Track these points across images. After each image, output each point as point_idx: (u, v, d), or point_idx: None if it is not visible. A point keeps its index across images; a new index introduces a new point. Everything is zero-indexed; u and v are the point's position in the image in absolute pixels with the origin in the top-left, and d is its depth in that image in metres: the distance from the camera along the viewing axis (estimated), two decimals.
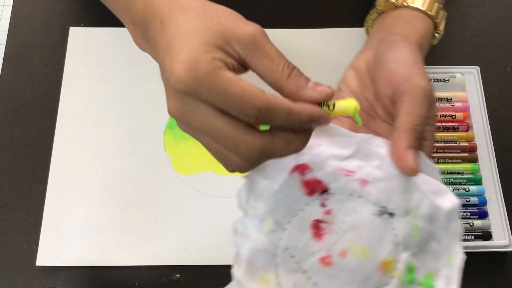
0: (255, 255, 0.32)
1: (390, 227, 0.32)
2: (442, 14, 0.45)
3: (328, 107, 0.30)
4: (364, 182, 0.32)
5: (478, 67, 0.53)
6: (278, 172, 0.32)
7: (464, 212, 0.47)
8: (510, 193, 0.49)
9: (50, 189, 0.49)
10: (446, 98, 0.52)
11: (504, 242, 0.46)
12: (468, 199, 0.48)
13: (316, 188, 0.32)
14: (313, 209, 0.32)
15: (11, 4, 0.57)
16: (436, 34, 0.46)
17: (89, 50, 0.55)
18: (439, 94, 0.52)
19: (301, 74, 0.30)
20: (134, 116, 0.52)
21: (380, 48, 0.39)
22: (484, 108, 0.52)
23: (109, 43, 0.55)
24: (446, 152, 0.50)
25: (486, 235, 0.47)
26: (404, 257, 0.32)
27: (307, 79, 0.30)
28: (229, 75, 0.28)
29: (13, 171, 0.50)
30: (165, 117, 0.52)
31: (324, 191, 0.32)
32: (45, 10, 0.57)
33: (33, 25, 0.56)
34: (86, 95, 0.53)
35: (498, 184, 0.49)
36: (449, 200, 0.33)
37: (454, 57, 0.56)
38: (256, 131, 0.29)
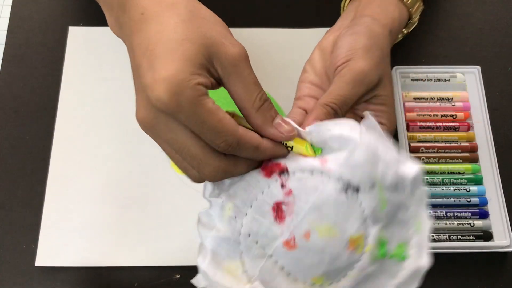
0: (219, 245, 0.32)
1: (357, 202, 0.31)
2: (418, 5, 0.45)
3: (287, 148, 0.32)
4: (324, 160, 0.31)
5: (479, 67, 0.53)
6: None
7: (465, 212, 0.47)
8: (511, 193, 0.49)
9: (49, 189, 0.49)
10: (447, 98, 0.52)
11: (505, 242, 0.46)
12: (469, 199, 0.48)
13: (274, 169, 0.32)
14: (274, 191, 0.31)
15: (11, 4, 0.57)
16: (409, 24, 0.46)
17: (88, 50, 0.55)
18: (440, 94, 0.52)
19: (271, 108, 0.31)
20: (133, 116, 0.52)
21: (342, 30, 0.39)
22: (485, 108, 0.52)
23: (108, 43, 0.55)
24: (446, 152, 0.50)
25: (487, 236, 0.46)
26: (374, 231, 0.31)
27: (275, 115, 0.32)
28: (210, 105, 0.28)
29: (12, 171, 0.50)
30: None
31: (283, 171, 0.31)
32: (44, 9, 0.57)
33: (33, 25, 0.56)
34: (85, 95, 0.53)
35: (499, 184, 0.49)
36: (411, 168, 0.32)
37: (455, 56, 0.56)
38: (221, 154, 0.30)
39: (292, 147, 0.32)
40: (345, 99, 0.35)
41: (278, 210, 0.31)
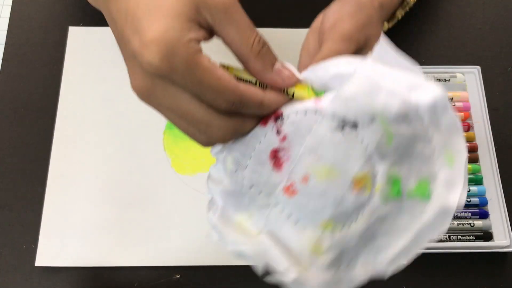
0: (226, 199, 0.31)
1: (357, 140, 0.28)
2: None
3: (288, 95, 0.30)
4: (319, 100, 0.29)
5: (479, 67, 0.53)
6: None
7: (465, 212, 0.47)
8: (511, 193, 0.49)
9: (49, 189, 0.49)
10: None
11: (505, 242, 0.46)
12: (469, 200, 0.48)
13: (269, 116, 0.30)
14: (270, 139, 0.30)
15: (11, 4, 0.57)
16: (404, 4, 0.47)
17: (88, 50, 0.55)
18: None
19: (270, 52, 0.29)
20: (133, 116, 0.52)
21: (330, 5, 0.40)
22: (485, 108, 0.52)
23: (108, 43, 0.55)
24: None
25: (487, 236, 0.46)
26: (382, 168, 0.28)
27: (275, 59, 0.30)
28: (206, 63, 0.26)
29: (12, 171, 0.50)
30: None
31: (278, 117, 0.30)
32: (44, 9, 0.57)
33: (32, 25, 0.56)
34: (85, 95, 0.53)
35: (499, 184, 0.49)
36: (428, 93, 0.28)
37: (455, 56, 0.56)
38: (227, 114, 0.28)
39: (293, 94, 0.30)
40: (338, 54, 0.34)
41: (275, 158, 0.30)
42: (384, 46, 0.30)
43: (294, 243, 0.30)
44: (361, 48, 0.37)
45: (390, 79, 0.28)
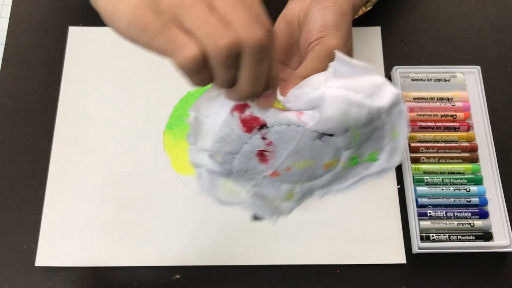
0: (213, 175, 0.36)
1: (331, 142, 0.34)
2: None
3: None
4: (300, 113, 0.33)
5: (479, 67, 0.53)
6: (220, 110, 0.33)
7: (465, 212, 0.47)
8: (511, 194, 0.49)
9: (49, 189, 0.49)
10: (447, 98, 0.52)
11: (505, 242, 0.46)
12: (469, 200, 0.48)
13: (253, 125, 0.33)
14: (255, 143, 0.34)
15: (11, 4, 0.57)
16: (368, 3, 0.49)
17: (88, 50, 0.55)
18: (440, 94, 0.52)
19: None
20: (133, 116, 0.52)
21: (311, 4, 0.40)
22: (485, 108, 0.52)
23: (108, 43, 0.55)
24: (447, 152, 0.50)
25: (487, 236, 0.47)
26: (346, 155, 0.35)
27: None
28: None
29: (12, 172, 0.50)
30: (165, 117, 0.52)
31: (262, 126, 0.33)
32: (44, 9, 0.57)
33: (32, 25, 0.56)
34: (85, 95, 0.53)
35: (499, 184, 0.49)
36: (387, 95, 0.33)
37: (455, 56, 0.56)
38: None
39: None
40: (322, 71, 0.36)
41: (262, 155, 0.35)
42: (340, 58, 0.33)
43: (272, 194, 0.39)
44: None
45: (356, 90, 0.32)
